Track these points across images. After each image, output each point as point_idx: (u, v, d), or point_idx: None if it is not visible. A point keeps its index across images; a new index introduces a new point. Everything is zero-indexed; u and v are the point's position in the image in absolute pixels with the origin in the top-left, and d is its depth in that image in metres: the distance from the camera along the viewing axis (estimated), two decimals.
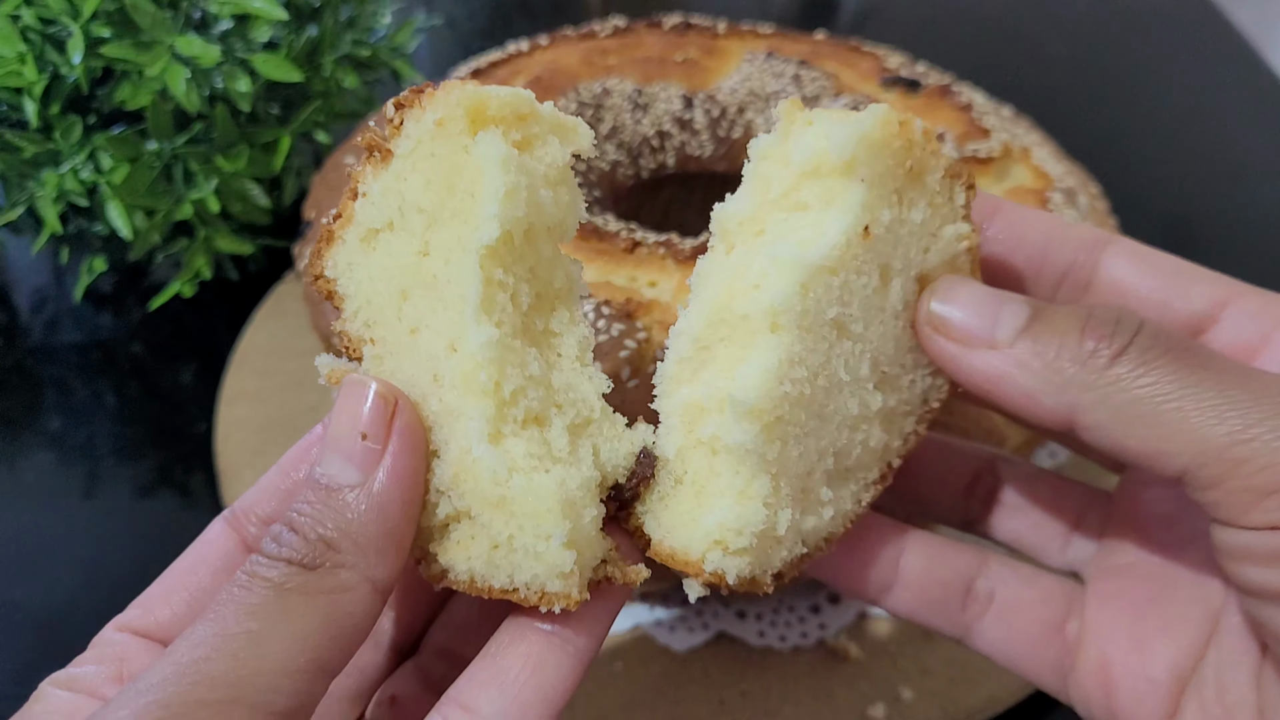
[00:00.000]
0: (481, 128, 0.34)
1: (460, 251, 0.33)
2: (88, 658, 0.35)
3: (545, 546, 0.33)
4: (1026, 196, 0.62)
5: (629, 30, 0.77)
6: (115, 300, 0.86)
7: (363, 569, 0.31)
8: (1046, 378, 0.33)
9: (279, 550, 0.31)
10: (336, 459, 0.32)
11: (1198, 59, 1.27)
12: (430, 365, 0.34)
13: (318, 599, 0.30)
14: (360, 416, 0.32)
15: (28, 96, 0.70)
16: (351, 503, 0.31)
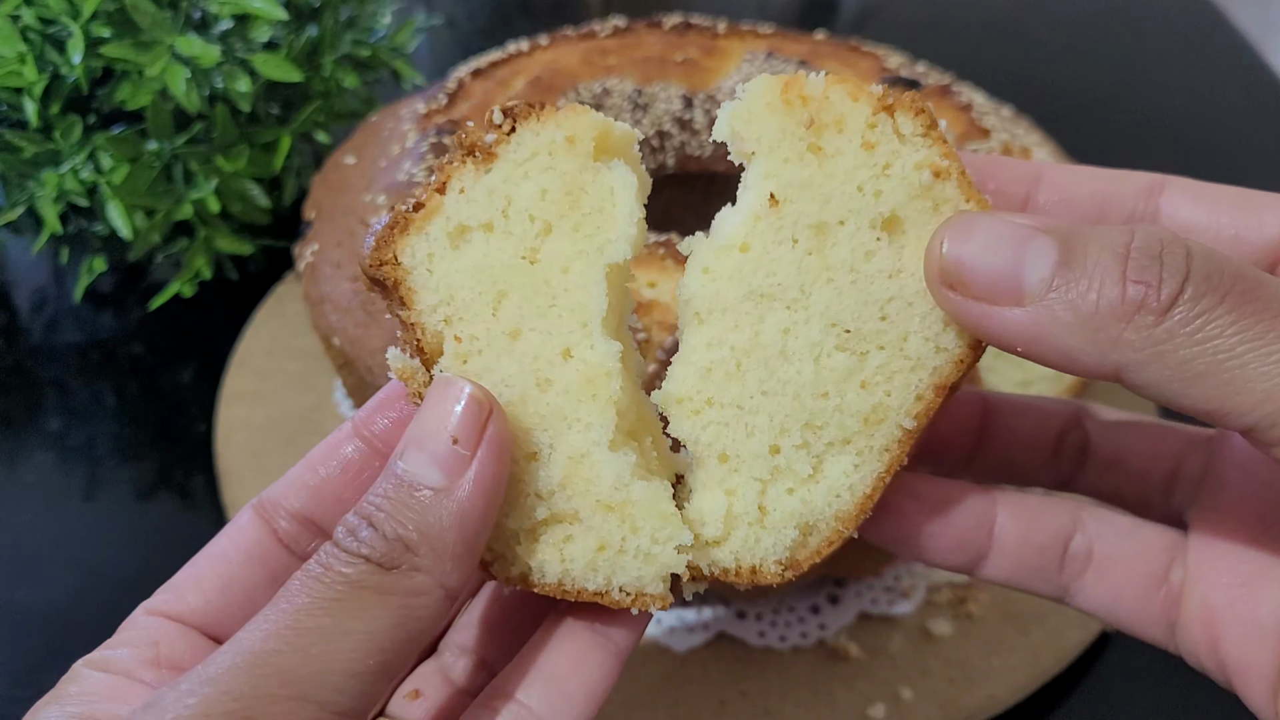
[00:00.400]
0: (604, 153, 0.36)
1: (583, 264, 0.35)
2: (119, 641, 0.34)
3: (660, 549, 0.34)
4: None
5: (629, 30, 0.77)
6: (115, 300, 0.86)
7: (438, 575, 0.30)
8: (1087, 335, 0.29)
9: (357, 546, 0.30)
10: (422, 458, 0.31)
11: (1198, 59, 1.27)
12: (535, 369, 0.34)
13: (391, 600, 0.30)
14: (452, 418, 0.32)
15: (28, 96, 0.70)
16: (432, 505, 0.31)
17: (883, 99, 0.34)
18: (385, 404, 0.37)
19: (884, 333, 0.35)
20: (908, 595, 0.62)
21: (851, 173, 0.34)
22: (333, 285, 0.60)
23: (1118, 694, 0.60)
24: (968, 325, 0.32)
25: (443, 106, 0.68)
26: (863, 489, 0.36)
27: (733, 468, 0.35)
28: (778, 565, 0.36)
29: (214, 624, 0.35)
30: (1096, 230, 0.30)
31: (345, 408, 0.73)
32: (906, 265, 0.34)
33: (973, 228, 0.31)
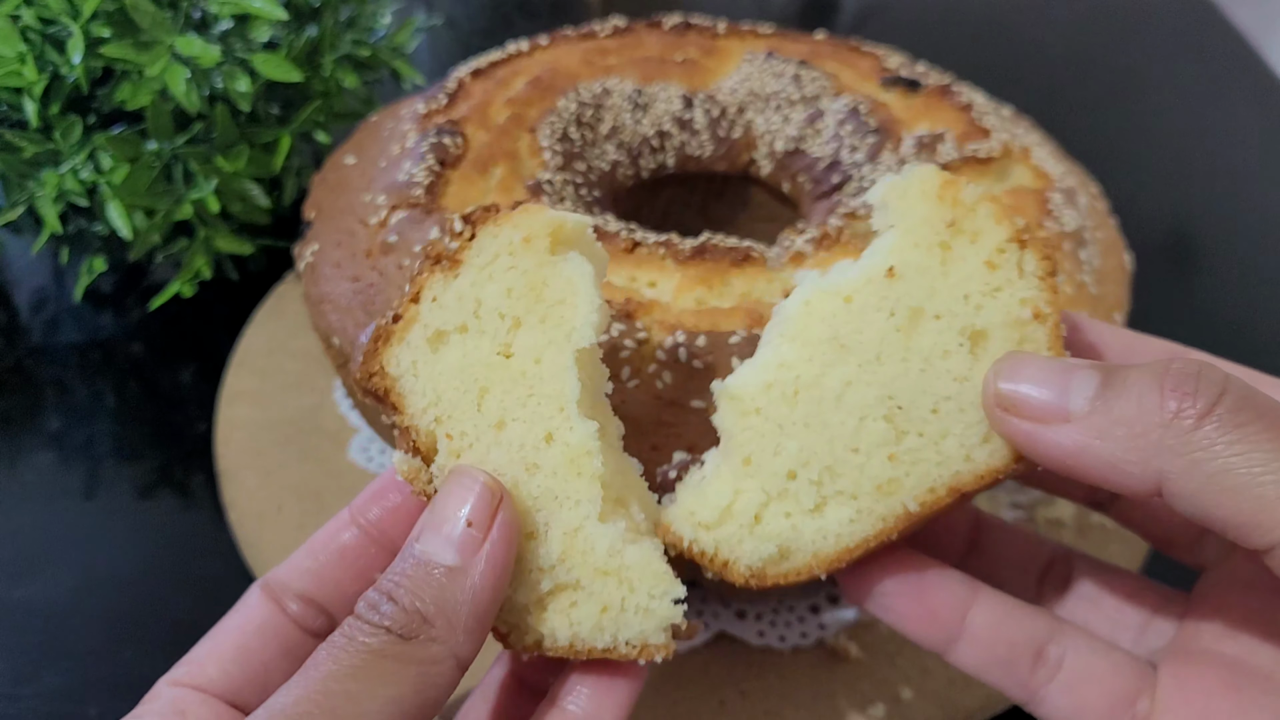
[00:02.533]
0: (559, 245, 0.39)
1: (553, 352, 0.38)
2: (145, 711, 0.37)
3: (658, 604, 0.37)
4: (1026, 196, 0.62)
5: (629, 30, 0.77)
6: (115, 300, 0.86)
7: (451, 646, 0.34)
8: (1129, 444, 0.31)
9: (379, 619, 0.33)
10: (438, 539, 0.35)
11: (1197, 59, 1.27)
12: (522, 455, 0.38)
13: (410, 668, 0.33)
14: (467, 504, 0.35)
15: (28, 96, 0.70)
16: (448, 583, 0.34)
17: (1021, 232, 0.38)
18: (379, 494, 0.41)
19: (928, 423, 0.38)
20: None
21: (966, 280, 0.38)
22: (332, 285, 0.60)
23: None
24: (1019, 444, 0.35)
25: (443, 106, 0.68)
26: (848, 541, 0.38)
27: (750, 473, 0.38)
28: (747, 569, 0.39)
29: (234, 694, 0.38)
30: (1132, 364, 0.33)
31: (345, 407, 0.73)
32: (974, 377, 0.37)
33: (1023, 364, 0.35)
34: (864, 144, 0.66)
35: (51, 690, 0.59)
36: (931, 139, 0.65)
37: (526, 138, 0.66)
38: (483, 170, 0.63)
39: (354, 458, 0.69)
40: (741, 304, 0.54)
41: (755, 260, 0.56)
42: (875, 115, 0.68)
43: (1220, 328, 0.87)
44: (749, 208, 0.75)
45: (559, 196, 0.62)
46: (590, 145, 0.68)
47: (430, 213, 0.59)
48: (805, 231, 0.58)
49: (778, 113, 0.71)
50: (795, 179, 0.69)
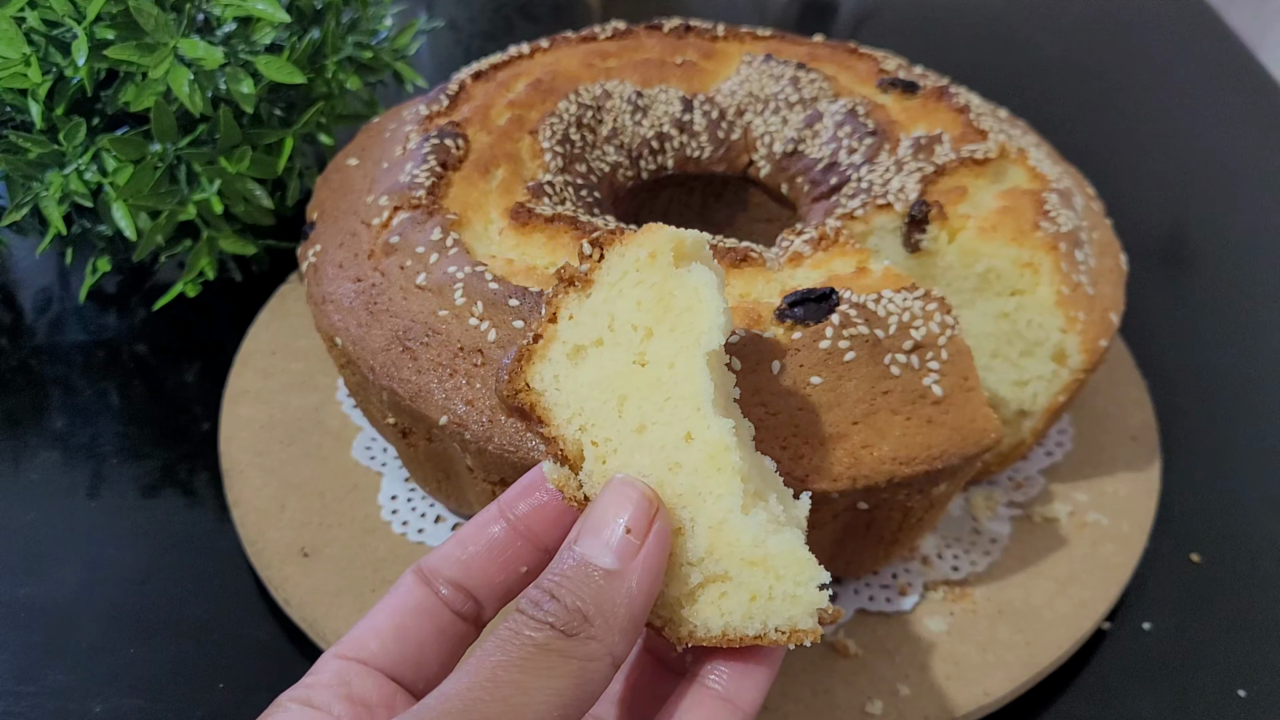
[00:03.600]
0: (681, 259, 0.41)
1: (685, 357, 0.40)
2: (314, 680, 0.39)
3: (805, 590, 0.39)
4: (1023, 197, 0.63)
5: (629, 33, 0.78)
6: (119, 301, 0.87)
7: (608, 644, 0.36)
8: None
9: (543, 615, 0.35)
10: (598, 544, 0.37)
11: (1193, 61, 1.27)
12: (664, 456, 0.39)
13: (572, 663, 0.35)
14: (626, 512, 0.38)
15: (32, 98, 0.71)
16: (606, 585, 0.36)
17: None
18: (528, 489, 0.43)
19: None
20: (905, 593, 0.62)
21: None
22: (335, 286, 0.60)
23: (1114, 690, 0.61)
24: None
25: (444, 109, 0.69)
26: None
27: None
28: None
29: (393, 667, 0.40)
30: None
31: (347, 406, 0.73)
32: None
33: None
34: (862, 146, 0.67)
35: (55, 687, 0.59)
36: (929, 140, 0.65)
37: (527, 140, 0.66)
38: (484, 172, 0.63)
39: (356, 456, 0.70)
40: (740, 304, 0.54)
41: (754, 261, 0.56)
42: (873, 117, 0.68)
43: (1215, 328, 0.88)
44: (748, 209, 0.75)
45: (560, 198, 0.63)
46: (591, 147, 0.69)
47: (432, 214, 0.60)
48: (803, 232, 0.59)
49: (776, 115, 0.71)
50: (794, 180, 0.69)
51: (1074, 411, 0.74)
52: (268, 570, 0.63)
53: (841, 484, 0.51)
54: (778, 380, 0.51)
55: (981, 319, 0.63)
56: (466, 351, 0.54)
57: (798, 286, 0.55)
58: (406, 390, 0.54)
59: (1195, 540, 0.70)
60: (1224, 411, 0.80)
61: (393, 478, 0.68)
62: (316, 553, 0.64)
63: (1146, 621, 0.65)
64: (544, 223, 0.58)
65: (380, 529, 0.65)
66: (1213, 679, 0.62)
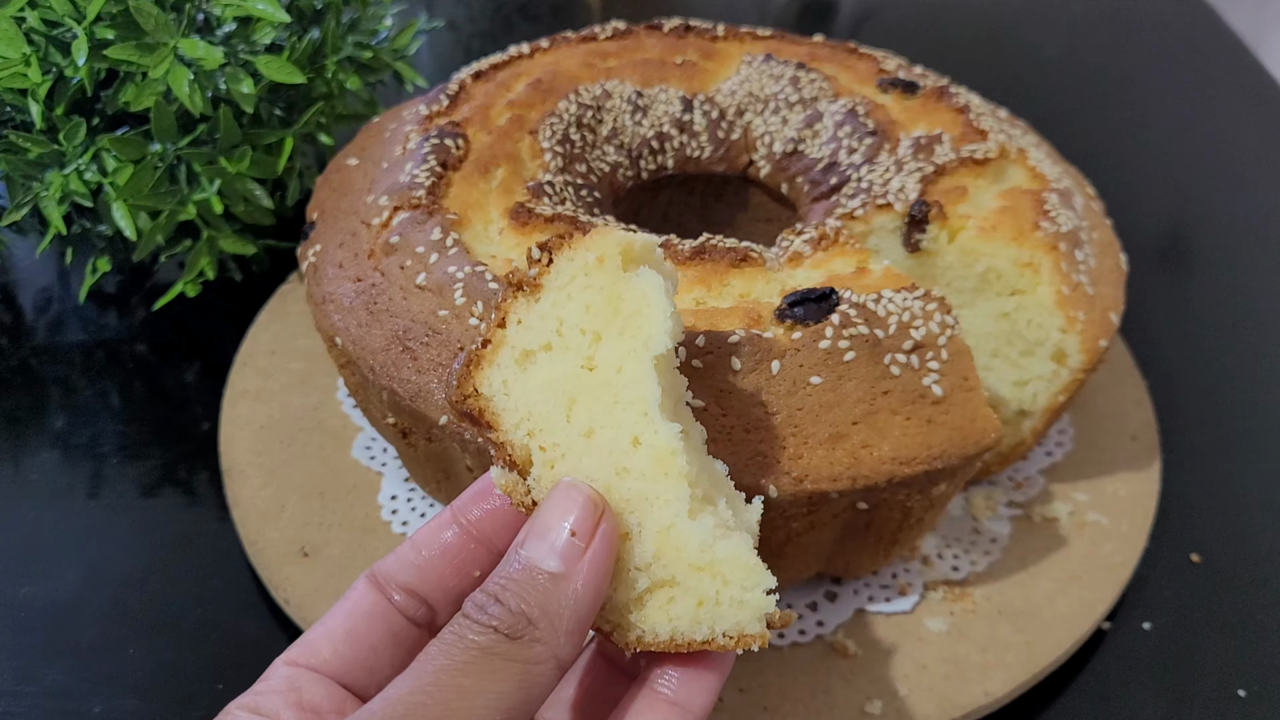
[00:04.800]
0: (630, 263, 0.41)
1: (633, 361, 0.40)
2: (265, 687, 0.39)
3: (752, 595, 0.39)
4: (1023, 197, 0.63)
5: (629, 33, 0.78)
6: (120, 300, 0.87)
7: (553, 647, 0.36)
8: None
9: (487, 619, 0.35)
10: (543, 547, 0.37)
11: (1193, 61, 1.27)
12: (612, 460, 0.39)
13: (515, 666, 0.35)
14: (571, 515, 0.37)
15: (32, 98, 0.71)
16: (551, 588, 0.36)
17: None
18: (479, 496, 0.42)
19: None
20: (905, 593, 0.62)
21: None
22: (335, 286, 0.60)
23: (1113, 689, 0.61)
24: None
25: (444, 108, 0.69)
26: None
27: None
28: None
29: (344, 674, 0.40)
30: None
31: (347, 406, 0.73)
32: None
33: None
34: (862, 145, 0.67)
35: (55, 687, 0.59)
36: (929, 140, 0.65)
37: (527, 139, 0.66)
38: (484, 172, 0.63)
39: (356, 456, 0.70)
40: (740, 304, 0.54)
41: (754, 261, 0.56)
42: (873, 117, 0.68)
43: (1214, 328, 0.88)
44: (747, 209, 0.75)
45: (560, 198, 0.63)
46: (591, 147, 0.69)
47: (432, 214, 0.60)
48: (803, 232, 0.59)
49: (776, 115, 0.71)
50: (793, 180, 0.69)
51: (1074, 411, 0.74)
52: (268, 570, 0.63)
53: (841, 484, 0.51)
54: (778, 380, 0.51)
55: (981, 319, 0.63)
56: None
57: (798, 286, 0.55)
58: (406, 390, 0.54)
59: (1195, 540, 0.70)
60: (1224, 411, 0.80)
61: (393, 478, 0.68)
62: (316, 553, 0.64)
63: (1146, 621, 0.65)
64: (544, 223, 0.58)
65: (380, 529, 0.65)
66: (1213, 679, 0.62)
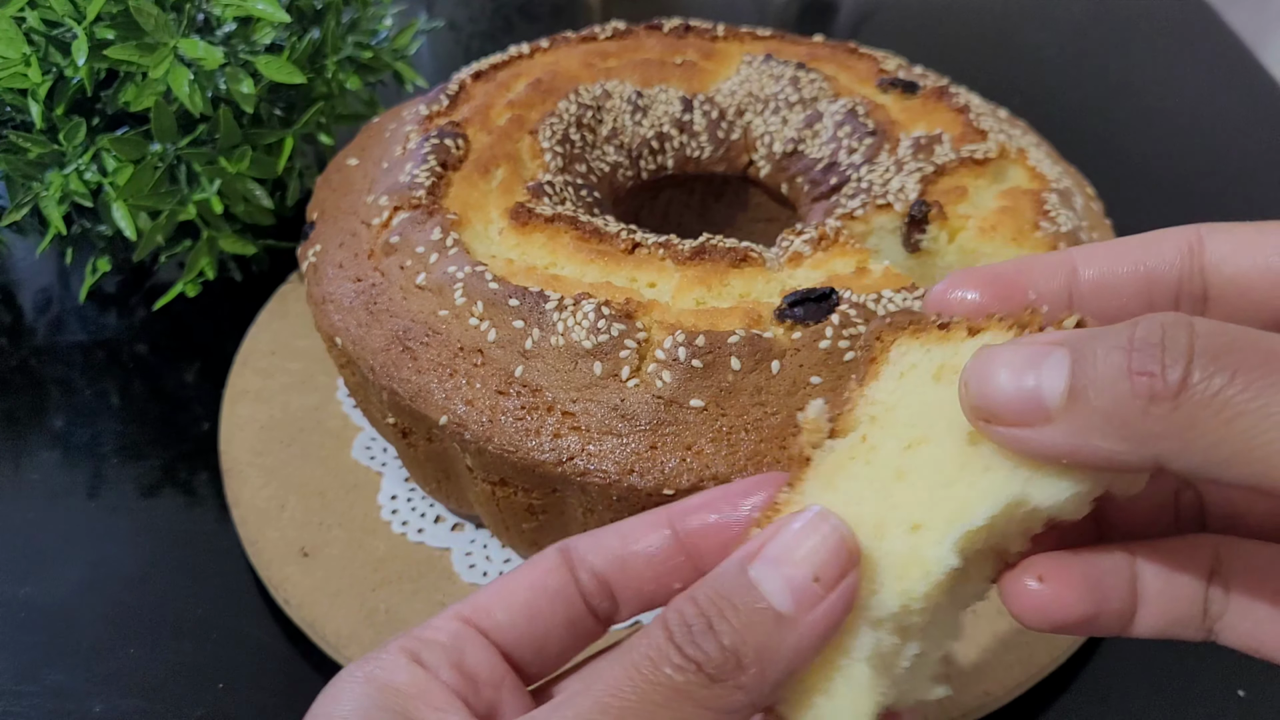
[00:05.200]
0: None
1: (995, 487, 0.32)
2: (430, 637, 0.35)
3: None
4: (1023, 198, 0.63)
5: (629, 33, 0.78)
6: (119, 300, 0.87)
7: (755, 696, 0.31)
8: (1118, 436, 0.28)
9: (694, 650, 0.31)
10: (778, 579, 0.31)
11: (1193, 61, 1.27)
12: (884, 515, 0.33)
13: (708, 714, 0.30)
14: (821, 554, 0.32)
15: (32, 98, 0.71)
16: (775, 630, 0.31)
17: None
18: (705, 505, 0.37)
19: None
20: None
21: None
22: (335, 286, 0.60)
23: (1113, 691, 0.61)
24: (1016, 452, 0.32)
25: (444, 108, 0.69)
26: None
27: None
28: None
29: (511, 646, 0.37)
30: (1105, 330, 0.30)
31: (347, 406, 0.73)
32: None
33: (990, 363, 0.31)
34: (862, 145, 0.67)
35: (55, 687, 0.59)
36: (929, 140, 0.65)
37: (527, 140, 0.66)
38: (484, 172, 0.63)
39: (356, 456, 0.70)
40: (740, 304, 0.54)
41: (754, 261, 0.56)
42: (873, 117, 0.68)
43: None
44: (748, 209, 0.75)
45: (560, 198, 0.63)
46: (590, 147, 0.69)
47: (432, 214, 0.60)
48: (803, 232, 0.59)
49: (776, 115, 0.71)
50: (793, 180, 0.69)
51: None
52: (268, 570, 0.63)
53: None
54: (778, 380, 0.52)
55: None
56: (466, 351, 0.54)
57: (798, 286, 0.55)
58: (406, 390, 0.54)
59: None
60: None
61: (393, 478, 0.68)
62: (316, 553, 0.64)
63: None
64: (544, 223, 0.58)
65: (380, 529, 0.65)
66: (1213, 679, 0.62)
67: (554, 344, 0.52)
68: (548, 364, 0.52)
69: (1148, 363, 0.28)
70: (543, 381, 0.52)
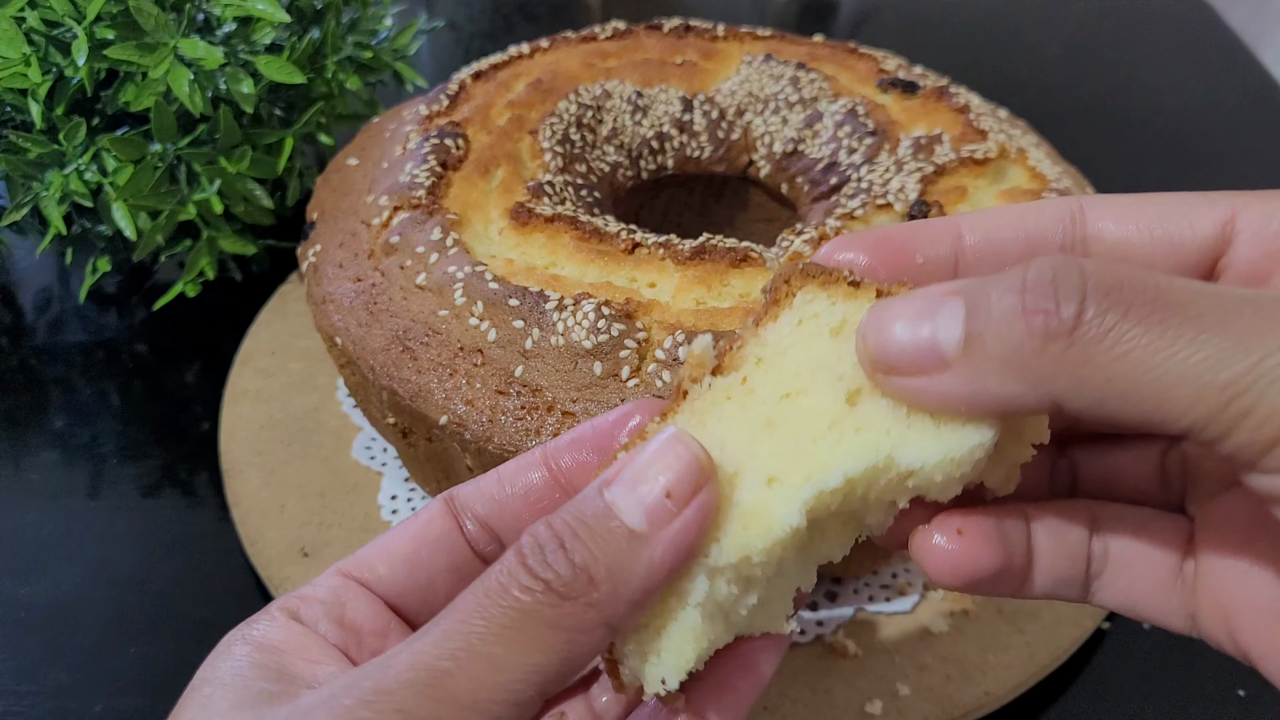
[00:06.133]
0: None
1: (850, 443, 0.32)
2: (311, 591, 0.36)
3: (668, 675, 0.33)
4: (1023, 198, 0.63)
5: (629, 33, 0.78)
6: (119, 300, 0.87)
7: (609, 615, 0.31)
8: (1014, 377, 0.29)
9: (543, 569, 0.30)
10: (632, 498, 0.32)
11: (1193, 60, 1.27)
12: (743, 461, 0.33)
13: (560, 634, 0.30)
14: (673, 472, 0.32)
15: (32, 98, 0.71)
16: (628, 547, 0.31)
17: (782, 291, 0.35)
18: (575, 444, 0.37)
19: None
20: (905, 593, 0.62)
21: None
22: (335, 285, 0.60)
23: (1113, 690, 0.61)
24: (911, 401, 0.32)
25: (444, 108, 0.69)
26: None
27: None
28: None
29: (396, 596, 0.37)
30: (998, 275, 0.30)
31: (347, 406, 0.73)
32: None
33: (886, 314, 0.31)
34: (862, 146, 0.67)
35: (56, 687, 0.59)
36: (928, 140, 0.65)
37: (527, 139, 0.66)
38: (484, 172, 0.63)
39: (356, 456, 0.70)
40: (740, 304, 0.54)
41: (754, 261, 0.56)
42: (873, 117, 0.68)
43: None
44: (747, 209, 0.75)
45: (560, 198, 0.63)
46: (591, 147, 0.69)
47: (432, 214, 0.60)
48: (803, 232, 0.59)
49: (776, 115, 0.71)
50: (793, 180, 0.69)
51: None
52: (268, 570, 0.63)
53: None
54: None
55: None
56: (466, 351, 0.54)
57: None
58: (406, 390, 0.54)
59: None
60: None
61: (393, 478, 0.68)
62: (316, 553, 0.64)
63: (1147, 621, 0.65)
64: (544, 223, 0.58)
65: (380, 529, 0.65)
66: (1213, 679, 0.62)
67: (554, 344, 0.52)
68: (548, 364, 0.52)
69: (1042, 301, 0.28)
70: (543, 381, 0.52)
